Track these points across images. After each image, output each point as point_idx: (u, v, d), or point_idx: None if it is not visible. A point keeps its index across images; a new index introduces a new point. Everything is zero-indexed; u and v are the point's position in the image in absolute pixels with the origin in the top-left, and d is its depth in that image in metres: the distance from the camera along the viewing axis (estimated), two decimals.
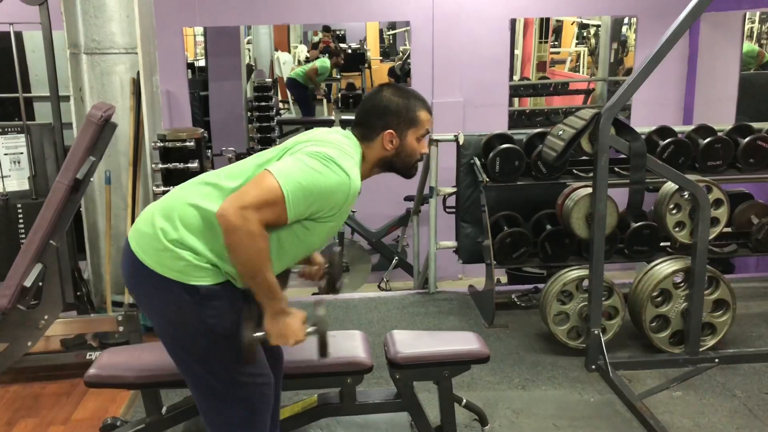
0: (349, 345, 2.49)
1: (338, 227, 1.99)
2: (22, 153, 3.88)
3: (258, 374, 1.97)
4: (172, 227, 1.85)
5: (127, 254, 1.92)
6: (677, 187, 3.50)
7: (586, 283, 3.41)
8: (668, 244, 3.97)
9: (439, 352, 2.48)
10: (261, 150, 6.56)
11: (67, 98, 3.81)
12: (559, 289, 3.48)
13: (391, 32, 15.63)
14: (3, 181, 3.82)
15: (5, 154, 3.85)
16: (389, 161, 2.01)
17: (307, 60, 12.62)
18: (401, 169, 2.04)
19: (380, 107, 1.98)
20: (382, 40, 15.95)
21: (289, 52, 13.11)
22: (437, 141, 4.15)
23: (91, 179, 3.22)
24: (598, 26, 9.59)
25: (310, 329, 1.91)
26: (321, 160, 1.80)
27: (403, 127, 1.98)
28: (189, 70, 6.63)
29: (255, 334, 1.86)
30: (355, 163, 1.90)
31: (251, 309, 1.90)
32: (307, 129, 7.84)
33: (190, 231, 1.84)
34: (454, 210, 4.38)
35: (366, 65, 13.14)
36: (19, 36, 3.80)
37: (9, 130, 3.87)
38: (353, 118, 2.06)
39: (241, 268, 1.80)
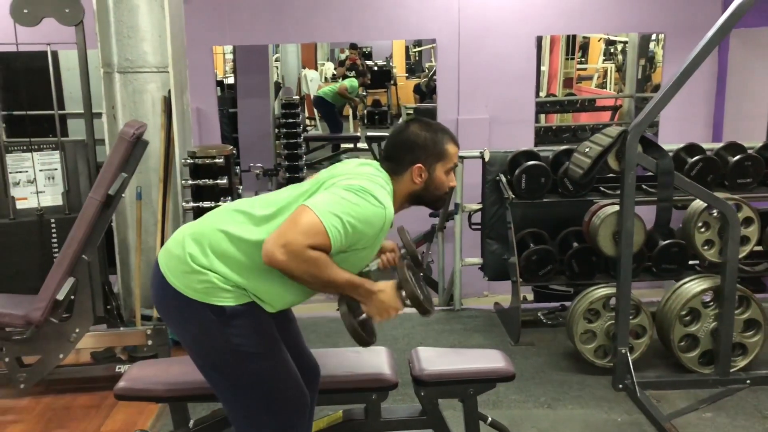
0: (374, 361, 2.50)
1: (373, 254, 2.02)
2: (56, 169, 3.97)
3: (291, 391, 1.99)
4: (201, 252, 1.89)
5: (156, 274, 1.97)
6: (706, 205, 3.46)
7: (613, 301, 3.38)
8: (697, 262, 3.92)
9: (464, 369, 2.47)
10: (288, 166, 6.55)
11: (99, 115, 3.90)
12: (585, 307, 3.45)
13: (417, 49, 15.70)
14: (38, 196, 3.91)
15: (40, 170, 3.94)
16: (418, 195, 2.04)
17: (334, 77, 12.73)
18: (430, 202, 2.08)
19: (408, 142, 2.01)
20: (407, 57, 16.03)
21: (316, 69, 13.23)
22: (463, 158, 4.17)
23: (123, 195, 3.29)
24: (625, 42, 9.54)
25: (403, 293, 1.93)
26: (357, 192, 1.84)
27: (431, 161, 2.00)
28: (218, 88, 6.73)
29: (358, 319, 1.91)
30: (388, 193, 1.93)
31: (343, 299, 1.92)
32: (333, 146, 7.86)
33: (218, 257, 1.88)
34: (479, 227, 4.38)
35: (392, 82, 13.22)
36: (54, 55, 3.91)
37: (44, 146, 3.97)
38: (382, 152, 2.09)
39: (314, 286, 1.87)
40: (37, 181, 3.92)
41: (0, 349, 3.21)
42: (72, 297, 3.19)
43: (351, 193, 1.83)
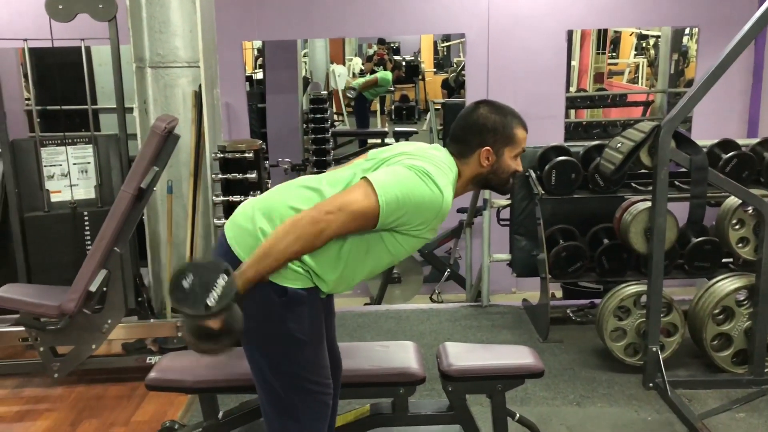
0: (401, 356, 2.50)
1: (423, 242, 1.98)
2: (89, 163, 4.04)
3: (323, 383, 2.00)
4: (272, 227, 1.86)
5: (222, 246, 1.94)
6: (740, 201, 3.39)
7: (644, 298, 3.34)
8: (730, 260, 3.85)
9: (492, 365, 2.46)
10: (316, 161, 6.56)
11: (131, 110, 3.95)
12: (616, 304, 3.41)
13: (446, 44, 15.65)
14: (71, 189, 3.98)
15: (74, 164, 4.01)
16: (485, 178, 2.01)
17: (362, 72, 12.74)
18: (496, 185, 2.05)
19: (477, 124, 1.98)
20: (436, 51, 15.99)
21: (344, 64, 13.26)
22: None
23: (154, 189, 3.33)
24: (657, 37, 9.39)
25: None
26: (418, 173, 1.82)
27: (500, 145, 1.98)
28: (247, 83, 6.77)
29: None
30: (450, 181, 1.91)
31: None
32: (360, 141, 7.86)
33: None
34: (507, 222, 4.35)
35: (420, 77, 13.19)
36: (87, 50, 3.96)
37: (78, 141, 4.03)
38: (449, 134, 2.06)
39: (275, 240, 1.78)
40: (71, 174, 3.98)
41: (35, 339, 3.28)
42: (104, 289, 3.24)
43: (412, 173, 1.82)
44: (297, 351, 1.93)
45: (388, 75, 11.20)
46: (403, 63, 12.97)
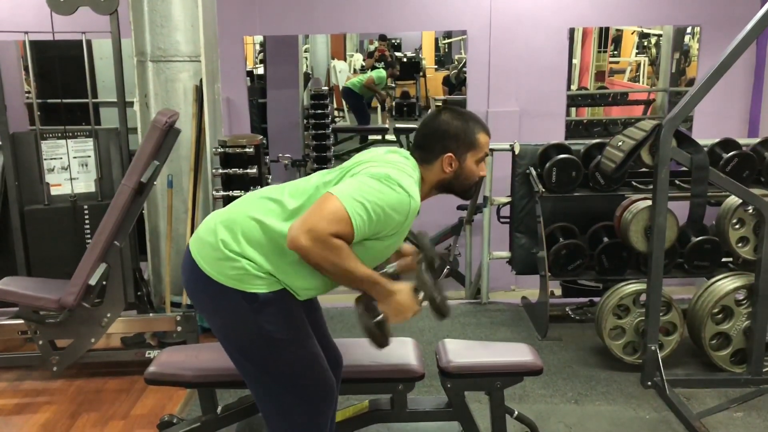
0: (401, 352, 2.50)
1: (399, 243, 2.01)
2: (89, 156, 4.03)
3: (319, 377, 2.00)
4: (233, 239, 1.90)
5: (187, 261, 1.98)
6: (741, 201, 3.39)
7: (643, 297, 3.34)
8: (730, 259, 3.85)
9: (491, 362, 2.46)
10: (316, 157, 6.56)
11: (132, 104, 3.95)
12: (615, 302, 3.42)
13: (447, 41, 15.62)
14: (71, 183, 3.97)
15: (74, 157, 4.00)
16: (448, 184, 2.02)
17: (363, 69, 12.71)
18: (459, 191, 2.06)
19: (439, 131, 1.99)
20: (437, 48, 15.96)
21: (345, 60, 13.24)
22: (492, 150, 4.14)
23: (155, 183, 3.33)
24: (659, 36, 9.38)
25: (421, 295, 1.92)
26: (381, 179, 1.83)
27: (462, 151, 1.99)
28: (248, 78, 6.76)
29: (374, 320, 1.89)
30: (414, 182, 1.91)
31: (360, 300, 1.92)
32: (361, 137, 7.87)
33: (250, 244, 1.89)
34: (508, 220, 4.35)
35: (421, 74, 13.17)
36: (89, 44, 3.95)
37: (78, 134, 4.02)
38: (413, 141, 2.07)
39: (335, 277, 1.85)
40: (71, 168, 3.98)
41: (34, 332, 3.28)
42: (104, 282, 3.24)
43: (375, 181, 1.83)
44: (281, 351, 1.93)
45: (383, 73, 11.18)
46: (397, 63, 12.92)
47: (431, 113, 2.08)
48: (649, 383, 3.22)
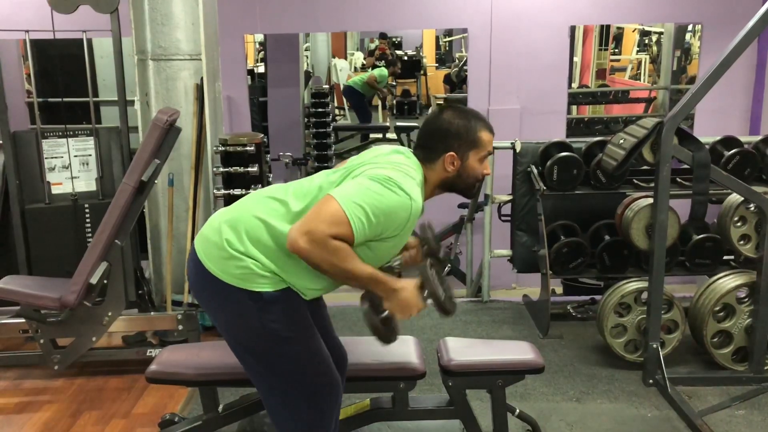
0: (402, 350, 2.50)
1: (402, 244, 2.00)
2: (90, 155, 4.03)
3: (324, 375, 2.00)
4: (237, 238, 1.90)
5: (192, 260, 1.98)
6: (742, 199, 3.39)
7: (644, 295, 3.34)
8: (731, 257, 3.85)
9: (493, 360, 2.46)
10: (317, 155, 6.56)
11: (132, 103, 3.94)
12: (617, 300, 3.41)
13: (448, 39, 15.61)
14: (72, 181, 3.97)
15: (75, 156, 4.00)
16: (451, 182, 2.02)
17: (363, 67, 12.70)
18: (463, 190, 2.05)
19: (441, 130, 1.99)
20: (438, 47, 15.94)
21: (346, 59, 13.23)
22: (494, 148, 4.12)
23: (155, 181, 3.32)
24: (660, 33, 9.36)
25: (425, 293, 1.93)
26: (382, 182, 1.83)
27: (464, 149, 1.98)
28: (249, 77, 6.76)
29: (380, 316, 1.90)
30: (417, 183, 1.91)
31: (366, 297, 1.93)
32: (362, 135, 7.84)
33: (254, 244, 1.89)
34: (509, 218, 4.34)
35: (422, 72, 13.16)
36: (89, 42, 3.95)
37: (79, 133, 4.02)
38: (415, 140, 2.07)
39: (336, 278, 1.86)
40: (72, 166, 3.97)
41: (36, 331, 3.28)
42: (105, 281, 3.24)
43: (376, 183, 1.82)
44: (286, 349, 1.94)
45: (384, 71, 11.18)
46: (399, 59, 12.90)
47: (433, 112, 2.07)
48: (651, 381, 3.21)
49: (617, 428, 2.92)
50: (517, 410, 2.59)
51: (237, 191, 3.81)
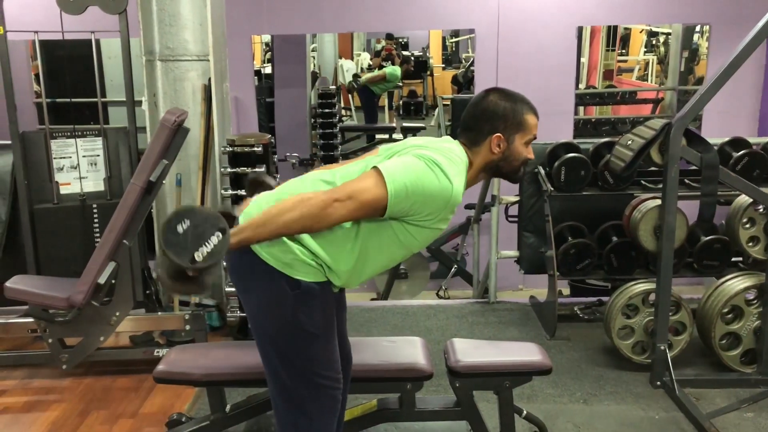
0: (409, 351, 2.50)
1: (436, 233, 1.96)
2: (98, 155, 4.04)
3: (333, 377, 2.00)
4: None
5: None
6: (751, 200, 3.38)
7: (652, 297, 3.32)
8: (740, 259, 3.83)
9: (500, 362, 2.46)
10: (323, 156, 6.56)
11: (140, 103, 3.96)
12: (624, 302, 3.40)
13: (454, 40, 15.62)
14: (81, 182, 3.99)
15: (83, 156, 4.02)
16: (496, 165, 2.00)
17: (370, 68, 12.71)
18: (508, 173, 2.03)
19: (488, 111, 1.97)
20: (444, 47, 15.95)
21: (353, 59, 13.24)
22: None
23: (163, 182, 3.33)
24: (668, 34, 9.34)
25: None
26: (427, 162, 1.83)
27: (510, 131, 1.96)
28: (256, 77, 6.77)
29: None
30: (460, 171, 1.90)
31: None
32: (368, 136, 7.81)
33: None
34: (516, 219, 4.34)
35: (428, 73, 13.16)
36: (97, 43, 3.97)
37: (87, 133, 4.04)
38: (460, 123, 2.05)
39: (278, 210, 1.77)
40: (80, 166, 3.99)
41: (44, 330, 3.29)
42: (113, 281, 3.25)
43: (422, 162, 1.83)
44: (308, 344, 1.94)
45: (397, 70, 11.18)
46: (412, 58, 12.92)
47: (479, 94, 2.03)
48: (659, 383, 3.20)
49: (624, 430, 2.91)
50: (525, 411, 2.58)
51: (244, 192, 3.81)
